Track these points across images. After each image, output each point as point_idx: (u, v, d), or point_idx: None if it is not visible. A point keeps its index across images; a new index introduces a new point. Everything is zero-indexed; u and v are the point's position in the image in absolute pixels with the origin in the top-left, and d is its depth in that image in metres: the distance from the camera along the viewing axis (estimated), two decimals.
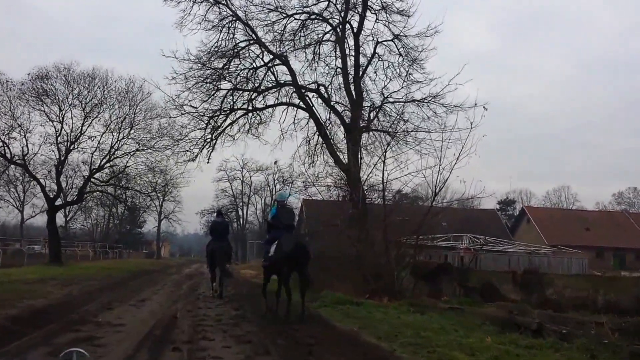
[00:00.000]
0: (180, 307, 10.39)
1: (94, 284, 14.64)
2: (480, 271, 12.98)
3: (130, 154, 24.80)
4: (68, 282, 14.38)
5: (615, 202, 72.45)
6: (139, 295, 12.59)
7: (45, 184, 23.86)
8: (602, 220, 55.02)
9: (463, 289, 11.80)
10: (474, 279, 12.11)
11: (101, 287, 13.97)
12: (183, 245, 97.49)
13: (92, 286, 14.01)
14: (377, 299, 10.89)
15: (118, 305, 10.29)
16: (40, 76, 23.49)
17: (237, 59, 19.24)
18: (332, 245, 13.64)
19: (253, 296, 12.69)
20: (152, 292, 13.80)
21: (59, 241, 23.98)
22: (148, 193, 26.58)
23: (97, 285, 14.36)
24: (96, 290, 12.88)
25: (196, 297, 12.95)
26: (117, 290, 13.61)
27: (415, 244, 11.71)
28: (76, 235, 59.57)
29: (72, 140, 23.76)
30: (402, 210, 13.73)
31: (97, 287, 13.82)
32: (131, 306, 10.31)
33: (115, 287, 14.32)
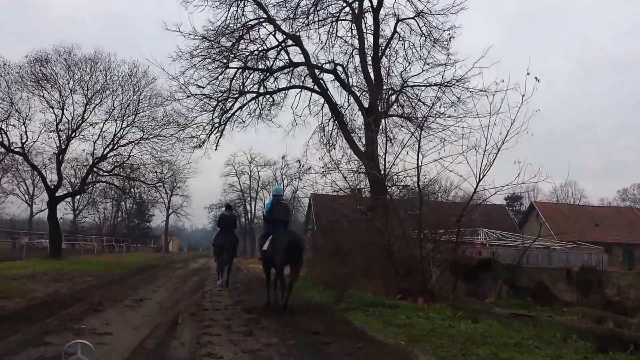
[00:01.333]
0: (182, 310, 8.87)
1: (88, 281, 13.19)
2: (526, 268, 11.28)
3: (135, 143, 23.40)
4: (60, 278, 12.95)
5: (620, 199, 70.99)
6: (136, 293, 11.11)
7: (45, 174, 22.56)
8: (611, 216, 53.99)
9: (511, 289, 10.18)
10: (525, 278, 10.48)
11: (96, 284, 12.51)
12: (191, 240, 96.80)
13: (86, 283, 12.55)
14: (411, 299, 9.31)
15: (109, 306, 8.79)
16: (39, 59, 22.11)
17: (246, 40, 17.64)
18: (355, 238, 12.06)
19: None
20: (152, 289, 12.31)
21: (59, 234, 22.64)
22: (154, 184, 25.14)
23: (91, 282, 12.90)
24: (89, 288, 11.40)
25: (202, 296, 11.44)
26: (113, 287, 12.14)
27: (456, 237, 10.11)
28: (84, 229, 58.95)
29: (74, 127, 22.37)
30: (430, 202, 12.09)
31: (91, 284, 12.35)
32: (125, 307, 8.81)
33: (111, 284, 12.86)
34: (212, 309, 9.11)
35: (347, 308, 8.58)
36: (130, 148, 23.19)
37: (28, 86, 21.66)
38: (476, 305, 8.56)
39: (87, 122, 22.44)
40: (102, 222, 63.89)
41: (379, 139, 17.19)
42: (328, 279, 12.42)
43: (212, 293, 12.21)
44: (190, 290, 12.79)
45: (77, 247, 36.44)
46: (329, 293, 11.11)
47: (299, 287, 13.21)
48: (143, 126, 23.25)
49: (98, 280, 13.61)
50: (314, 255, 16.01)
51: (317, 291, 11.70)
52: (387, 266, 10.31)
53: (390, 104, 18.32)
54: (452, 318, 7.46)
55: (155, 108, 23.30)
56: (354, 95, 17.98)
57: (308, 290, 12.41)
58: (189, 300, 10.63)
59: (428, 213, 10.74)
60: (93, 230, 59.22)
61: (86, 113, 22.57)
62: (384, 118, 17.81)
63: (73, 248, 35.89)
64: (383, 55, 18.58)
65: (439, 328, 6.41)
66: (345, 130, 18.20)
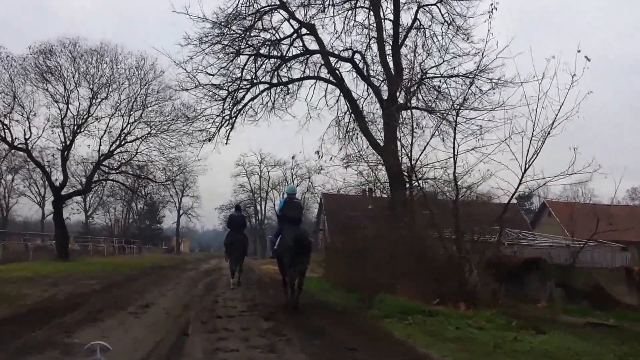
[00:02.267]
0: (192, 317, 7.81)
1: (92, 284, 12.21)
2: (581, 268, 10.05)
3: (142, 139, 22.47)
4: (61, 281, 12.00)
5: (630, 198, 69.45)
6: (143, 298, 10.09)
7: (50, 172, 21.66)
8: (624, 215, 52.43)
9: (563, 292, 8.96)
10: (581, 279, 9.24)
11: (99, 287, 11.52)
12: (202, 241, 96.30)
13: (89, 286, 11.57)
14: (451, 305, 8.14)
15: (110, 314, 7.76)
16: (43, 51, 21.22)
17: (258, 28, 16.54)
18: (379, 237, 10.94)
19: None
20: (160, 293, 11.29)
21: (66, 235, 21.76)
22: (162, 182, 24.20)
23: (95, 285, 11.91)
24: (90, 292, 10.40)
25: (214, 300, 10.38)
26: (118, 291, 11.13)
27: (499, 234, 8.91)
28: (95, 230, 58.46)
29: (79, 122, 21.48)
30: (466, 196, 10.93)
31: (94, 288, 11.36)
32: (128, 315, 7.77)
33: (116, 287, 11.86)
34: (225, 316, 8.04)
35: (380, 315, 7.44)
36: (137, 144, 22.30)
37: (32, 79, 20.84)
38: (533, 311, 7.39)
39: (92, 116, 21.55)
40: (113, 224, 63.42)
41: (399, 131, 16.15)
42: (348, 280, 11.32)
43: (224, 296, 11.16)
44: (201, 294, 11.75)
45: (89, 248, 35.71)
46: (352, 296, 9.99)
47: (318, 290, 12.14)
48: (151, 121, 22.34)
49: (103, 283, 12.63)
50: (329, 255, 14.87)
51: (338, 294, 10.59)
52: (419, 267, 9.15)
53: (411, 94, 17.15)
54: (510, 328, 6.30)
55: (163, 102, 22.37)
56: (373, 85, 16.83)
57: (327, 292, 11.30)
58: (199, 305, 9.58)
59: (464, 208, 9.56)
60: (104, 231, 58.63)
61: (92, 108, 21.71)
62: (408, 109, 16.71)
63: (85, 249, 35.29)
64: (403, 44, 17.42)
65: (504, 343, 5.26)
66: (362, 123, 17.05)
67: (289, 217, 9.02)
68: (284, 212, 9.13)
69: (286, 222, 8.98)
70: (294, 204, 9.34)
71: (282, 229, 8.93)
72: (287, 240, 8.49)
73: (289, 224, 8.87)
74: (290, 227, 8.76)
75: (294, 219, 9.09)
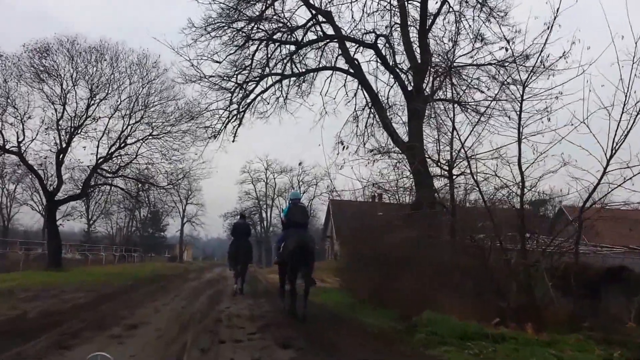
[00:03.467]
0: (190, 342, 6.18)
1: (77, 297, 10.59)
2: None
3: (143, 140, 20.94)
4: (43, 295, 10.41)
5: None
6: (132, 315, 8.47)
7: (44, 175, 20.10)
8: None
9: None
10: None
11: (85, 302, 9.90)
12: (206, 249, 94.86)
13: (72, 301, 9.94)
14: (515, 326, 6.48)
15: (87, 338, 6.15)
16: (39, 50, 19.80)
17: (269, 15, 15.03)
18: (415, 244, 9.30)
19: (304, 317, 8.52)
20: (154, 308, 9.65)
21: (59, 243, 20.15)
22: (164, 187, 22.64)
23: (80, 299, 10.29)
24: (70, 309, 8.76)
25: (217, 318, 8.74)
26: (105, 306, 9.49)
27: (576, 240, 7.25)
28: (98, 239, 57.19)
29: (77, 124, 19.96)
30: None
31: (77, 303, 9.73)
32: (109, 340, 6.15)
33: (104, 302, 10.21)
34: (231, 340, 6.40)
35: (432, 341, 5.77)
36: (138, 146, 20.77)
37: (27, 79, 19.39)
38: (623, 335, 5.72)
39: (90, 117, 20.03)
40: (114, 232, 62.19)
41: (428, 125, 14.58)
42: (377, 293, 9.66)
43: (229, 312, 9.52)
44: (203, 309, 10.10)
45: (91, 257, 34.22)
46: (386, 314, 8.34)
47: (340, 305, 10.48)
48: (152, 122, 20.83)
49: (91, 296, 11.00)
50: (348, 263, 13.18)
51: (367, 311, 8.92)
52: (469, 278, 7.48)
53: (439, 85, 15.54)
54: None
55: (166, 102, 20.89)
56: (397, 75, 15.22)
57: (353, 309, 9.62)
58: (199, 324, 7.94)
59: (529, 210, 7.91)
60: (105, 240, 57.28)
61: (90, 109, 20.22)
62: (448, 101, 15.13)
63: (86, 258, 33.86)
64: (430, 29, 15.86)
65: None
66: (384, 117, 15.46)
67: (293, 222, 8.90)
68: (288, 218, 9.04)
69: (292, 228, 8.86)
70: (298, 208, 9.24)
71: (287, 234, 8.80)
72: (291, 244, 8.34)
73: (294, 229, 8.73)
74: (295, 232, 8.64)
75: (300, 224, 8.95)
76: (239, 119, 14.90)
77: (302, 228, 9.00)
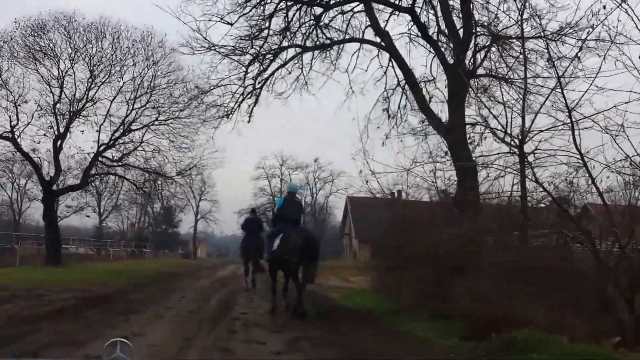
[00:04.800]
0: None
1: (64, 299, 8.84)
2: None
3: (149, 126, 19.23)
4: (21, 297, 8.66)
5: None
6: (126, 322, 6.69)
7: (40, 164, 18.45)
8: None
9: None
10: None
11: (67, 306, 8.13)
12: (220, 246, 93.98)
13: (54, 304, 8.18)
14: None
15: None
16: (33, 29, 18.15)
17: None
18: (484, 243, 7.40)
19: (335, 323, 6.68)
20: (155, 313, 7.87)
21: (58, 237, 18.51)
22: (172, 177, 20.94)
23: (65, 302, 8.52)
24: (45, 316, 6.97)
25: (230, 329, 6.93)
26: (93, 312, 7.70)
27: None
28: (109, 235, 56.29)
29: (76, 109, 18.31)
30: None
31: (61, 306, 7.98)
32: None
33: (94, 306, 8.43)
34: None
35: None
36: (143, 132, 19.02)
37: (20, 59, 17.75)
38: None
39: (91, 100, 18.30)
40: (125, 228, 61.30)
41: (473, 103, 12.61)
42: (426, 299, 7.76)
43: (245, 320, 7.71)
44: (213, 315, 8.31)
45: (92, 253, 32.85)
46: (446, 327, 6.43)
47: (386, 313, 8.55)
48: (159, 106, 19.06)
49: (79, 298, 9.23)
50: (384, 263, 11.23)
51: (420, 322, 7.00)
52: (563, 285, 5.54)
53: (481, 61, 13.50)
54: None
55: (174, 85, 19.11)
56: (437, 46, 13.20)
57: (399, 317, 7.70)
58: (207, 338, 6.13)
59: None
60: (117, 235, 56.26)
61: (91, 92, 18.53)
62: (484, 77, 13.16)
63: (99, 254, 32.59)
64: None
65: None
66: (420, 96, 13.47)
67: (288, 217, 8.29)
68: (282, 212, 8.45)
69: (285, 223, 8.22)
70: (294, 203, 8.64)
71: (282, 230, 8.06)
72: (293, 242, 7.75)
73: (289, 225, 8.12)
74: (294, 228, 8.10)
75: (294, 220, 8.35)
76: (256, 96, 13.04)
77: (296, 224, 8.38)
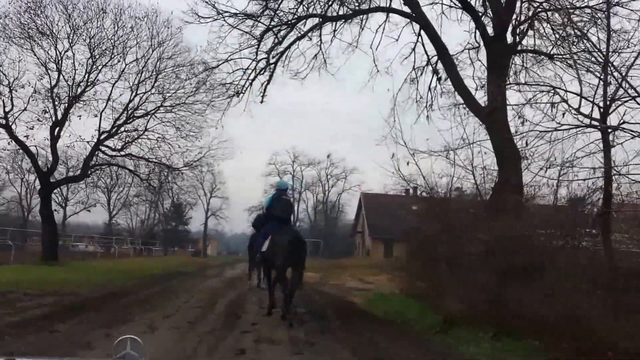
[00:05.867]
0: None
1: (39, 306, 7.38)
2: None
3: (153, 113, 17.82)
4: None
5: None
6: (107, 337, 5.20)
7: (37, 153, 17.02)
8: None
9: None
10: None
11: (41, 315, 6.67)
12: (230, 245, 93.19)
13: (27, 311, 6.73)
14: None
15: None
16: (30, 4, 16.81)
17: None
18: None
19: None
20: (147, 325, 6.35)
21: (55, 232, 17.19)
22: (179, 168, 19.48)
23: (39, 310, 7.05)
24: (5, 328, 5.51)
25: (238, 347, 5.41)
26: (69, 323, 6.22)
27: None
28: (118, 231, 55.50)
29: (75, 93, 16.94)
30: None
31: (27, 316, 6.51)
32: None
33: (73, 314, 6.95)
34: None
35: None
36: (147, 119, 17.61)
37: (14, 39, 16.44)
38: None
39: (91, 84, 16.93)
40: (134, 225, 60.52)
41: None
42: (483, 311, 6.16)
43: (257, 334, 6.21)
44: (219, 326, 6.80)
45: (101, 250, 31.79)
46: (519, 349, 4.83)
47: (422, 324, 6.99)
48: (164, 90, 17.65)
49: (60, 304, 7.76)
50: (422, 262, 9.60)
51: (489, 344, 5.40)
52: None
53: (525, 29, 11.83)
54: None
55: (181, 69, 17.67)
56: (476, 15, 11.55)
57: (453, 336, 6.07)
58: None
59: None
60: (125, 232, 55.42)
61: (91, 75, 17.18)
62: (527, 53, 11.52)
63: (109, 251, 31.58)
64: None
65: None
66: (455, 74, 11.84)
67: (277, 216, 8.04)
68: (271, 211, 8.15)
69: (274, 221, 8.01)
70: (283, 201, 8.35)
71: (272, 229, 7.91)
72: (281, 243, 7.51)
73: (278, 224, 7.92)
74: (282, 227, 7.90)
75: (283, 219, 8.11)
76: (270, 72, 11.50)
77: (286, 223, 8.15)
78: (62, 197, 50.64)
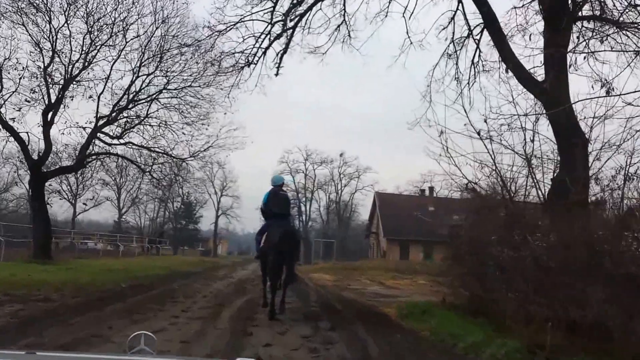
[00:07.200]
0: None
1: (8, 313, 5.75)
2: None
3: (156, 97, 16.24)
4: None
5: None
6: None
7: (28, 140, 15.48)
8: None
9: None
10: None
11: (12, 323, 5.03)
12: (241, 244, 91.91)
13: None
14: None
15: None
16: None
17: None
18: None
19: None
20: (117, 348, 4.68)
21: (48, 228, 15.63)
22: (183, 158, 17.82)
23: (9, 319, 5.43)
24: None
25: None
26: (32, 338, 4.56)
27: None
28: (127, 229, 54.59)
29: (70, 75, 15.40)
30: None
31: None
32: None
33: (49, 324, 5.29)
34: None
35: None
36: (149, 104, 16.04)
37: (5, 14, 14.93)
38: None
39: (88, 63, 15.38)
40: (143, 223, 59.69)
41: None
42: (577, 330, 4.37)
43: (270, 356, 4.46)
44: (222, 347, 5.11)
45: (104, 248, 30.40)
46: None
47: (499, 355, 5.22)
48: (169, 71, 16.06)
49: (20, 314, 6.11)
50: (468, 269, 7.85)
51: None
52: None
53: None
54: None
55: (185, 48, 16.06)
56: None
57: None
58: None
59: None
60: (133, 230, 54.45)
61: (89, 55, 15.65)
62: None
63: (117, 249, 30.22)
64: None
65: None
66: (505, 47, 10.03)
67: (273, 212, 7.96)
68: (268, 207, 8.06)
69: (271, 218, 8.00)
70: (279, 196, 8.22)
71: (268, 225, 7.94)
72: (272, 236, 7.46)
73: (275, 220, 7.87)
74: (276, 223, 7.79)
75: (280, 214, 8.03)
76: (287, 39, 9.77)
77: (283, 219, 8.15)
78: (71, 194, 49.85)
